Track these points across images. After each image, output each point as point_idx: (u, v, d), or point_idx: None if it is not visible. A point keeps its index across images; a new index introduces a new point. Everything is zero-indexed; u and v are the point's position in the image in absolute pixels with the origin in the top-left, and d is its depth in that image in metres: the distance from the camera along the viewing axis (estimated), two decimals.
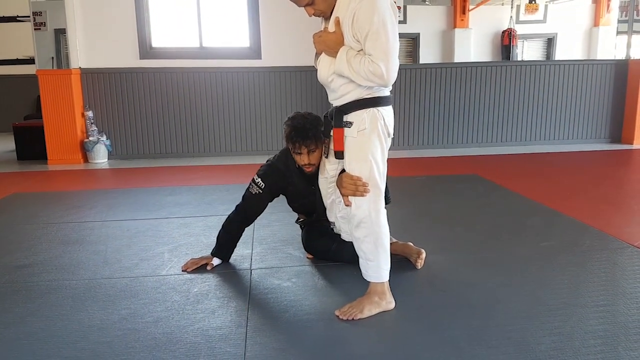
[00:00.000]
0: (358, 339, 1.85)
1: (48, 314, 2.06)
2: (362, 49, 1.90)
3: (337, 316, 1.99)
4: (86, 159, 5.82)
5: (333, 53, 1.96)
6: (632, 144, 6.40)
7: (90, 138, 5.75)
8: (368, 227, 2.00)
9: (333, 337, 1.85)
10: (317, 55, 2.09)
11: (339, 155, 2.07)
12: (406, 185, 4.33)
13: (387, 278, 2.05)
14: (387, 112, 2.03)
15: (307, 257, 2.63)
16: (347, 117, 2.01)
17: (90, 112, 5.81)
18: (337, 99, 2.05)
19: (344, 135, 2.03)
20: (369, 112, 1.98)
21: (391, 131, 2.06)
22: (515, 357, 1.69)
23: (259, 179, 2.48)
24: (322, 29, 2.05)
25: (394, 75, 1.90)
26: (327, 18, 2.04)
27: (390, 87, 2.06)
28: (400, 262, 2.48)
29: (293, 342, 1.83)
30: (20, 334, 1.90)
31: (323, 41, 2.00)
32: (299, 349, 1.78)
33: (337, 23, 1.94)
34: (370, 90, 1.96)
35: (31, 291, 2.29)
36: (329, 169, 2.28)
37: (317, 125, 2.29)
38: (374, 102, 1.98)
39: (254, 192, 2.47)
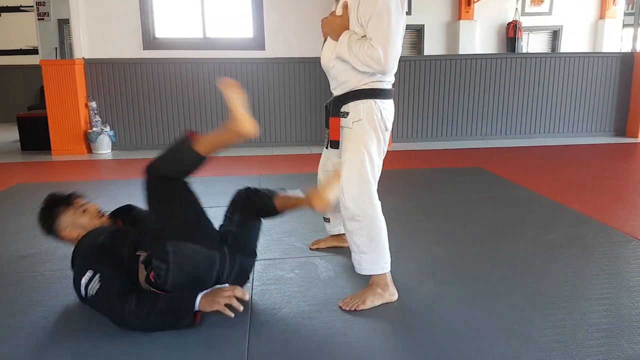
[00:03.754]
0: (361, 330, 1.85)
1: (52, 303, 2.07)
2: (365, 35, 1.90)
3: (340, 307, 1.99)
4: (90, 150, 5.82)
5: (336, 36, 1.98)
6: (637, 137, 6.36)
7: (94, 129, 5.75)
8: (361, 220, 1.98)
9: (336, 328, 1.85)
10: (324, 41, 2.10)
11: (335, 144, 2.08)
12: (409, 178, 4.32)
13: (386, 270, 2.04)
14: (385, 106, 2.01)
15: (310, 249, 2.63)
16: (345, 108, 2.01)
17: (94, 102, 5.80)
18: (336, 87, 2.06)
19: (341, 126, 2.04)
20: (366, 104, 1.97)
21: (389, 125, 2.04)
22: (518, 349, 1.69)
23: (90, 275, 1.80)
24: (331, 12, 2.07)
25: (392, 63, 1.89)
26: (338, 0, 2.06)
27: (392, 80, 2.05)
28: (403, 255, 2.48)
29: (296, 333, 1.83)
30: (24, 323, 1.91)
31: (328, 23, 2.03)
32: (302, 340, 1.78)
33: (345, 7, 1.96)
34: (370, 79, 1.96)
35: (35, 281, 2.30)
36: (335, 163, 2.28)
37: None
38: (373, 93, 1.98)
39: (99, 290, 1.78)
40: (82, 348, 1.73)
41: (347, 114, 2.00)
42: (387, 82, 2.02)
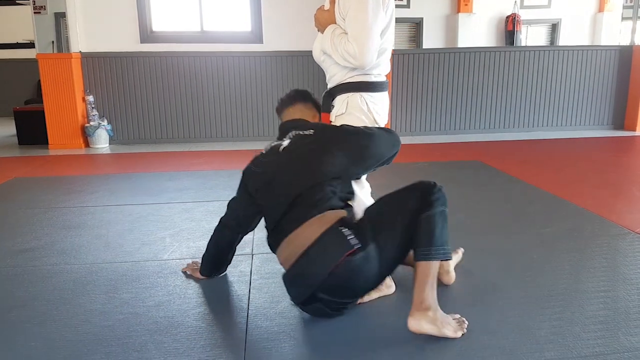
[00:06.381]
0: (358, 323, 1.85)
1: (50, 297, 2.07)
2: None
3: None
4: (87, 144, 5.81)
5: (323, 30, 2.00)
6: (634, 130, 6.37)
7: (91, 123, 5.73)
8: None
9: (333, 322, 1.85)
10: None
11: None
12: (407, 172, 4.32)
13: None
14: (374, 99, 2.00)
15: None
16: (334, 101, 2.03)
17: (91, 96, 5.78)
18: (329, 80, 2.10)
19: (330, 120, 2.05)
20: (352, 97, 1.98)
21: (378, 118, 2.02)
22: (515, 342, 1.69)
23: None
24: (321, 6, 2.09)
25: (369, 57, 1.88)
26: None
27: (384, 71, 2.04)
28: None
29: (294, 326, 1.83)
30: (22, 318, 1.91)
31: (317, 18, 2.05)
32: (300, 333, 1.78)
33: (332, 1, 1.98)
34: (357, 72, 1.96)
35: (33, 275, 2.30)
36: None
37: None
38: (359, 86, 1.98)
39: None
40: (81, 343, 1.74)
41: (334, 107, 2.02)
42: (377, 74, 2.01)
